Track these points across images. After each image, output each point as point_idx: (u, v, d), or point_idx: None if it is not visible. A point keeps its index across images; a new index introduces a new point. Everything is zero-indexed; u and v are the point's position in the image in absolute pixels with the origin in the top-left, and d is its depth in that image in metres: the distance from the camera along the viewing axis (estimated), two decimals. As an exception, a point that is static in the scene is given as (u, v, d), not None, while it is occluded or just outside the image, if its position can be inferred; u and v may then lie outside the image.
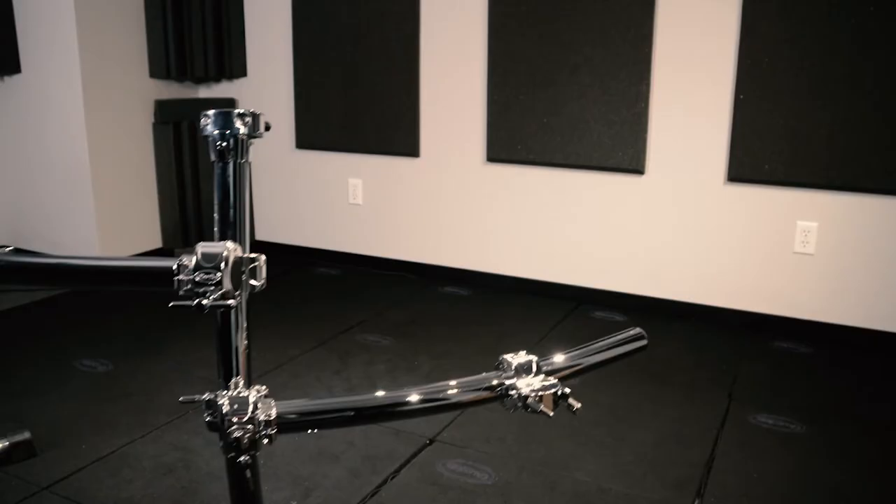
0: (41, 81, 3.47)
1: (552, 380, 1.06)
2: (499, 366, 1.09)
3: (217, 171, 1.05)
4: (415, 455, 2.03)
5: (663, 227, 3.09)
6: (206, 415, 0.98)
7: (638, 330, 1.23)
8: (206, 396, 0.98)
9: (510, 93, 3.23)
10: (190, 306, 0.92)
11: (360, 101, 3.58)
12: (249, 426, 0.93)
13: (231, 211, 1.04)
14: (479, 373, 1.10)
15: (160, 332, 2.92)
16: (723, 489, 1.88)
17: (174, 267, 0.93)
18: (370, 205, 3.73)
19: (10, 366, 2.58)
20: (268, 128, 1.15)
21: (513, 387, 1.05)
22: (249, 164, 1.09)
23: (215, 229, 1.06)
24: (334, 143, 3.72)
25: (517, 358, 1.08)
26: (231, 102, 3.91)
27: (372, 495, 1.83)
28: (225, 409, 0.94)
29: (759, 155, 2.82)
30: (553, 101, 3.14)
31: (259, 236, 4.10)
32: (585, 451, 2.06)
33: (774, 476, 1.95)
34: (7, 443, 1.92)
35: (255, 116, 1.07)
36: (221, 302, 0.91)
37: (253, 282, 1.02)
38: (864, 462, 2.02)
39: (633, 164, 3.05)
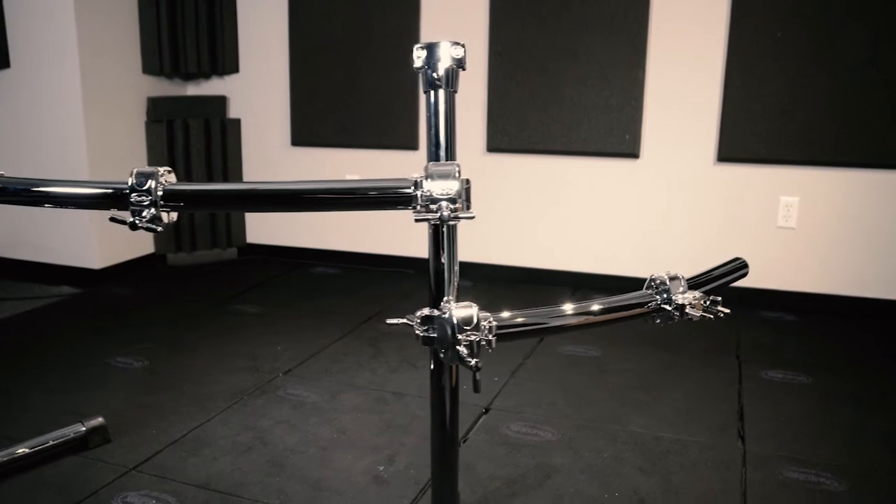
0: (33, 77, 3.38)
1: (698, 293, 1.24)
2: (650, 284, 1.26)
3: (429, 100, 1.16)
4: (476, 421, 2.15)
5: (657, 208, 3.33)
6: (421, 330, 1.10)
7: (741, 259, 1.42)
8: (421, 313, 1.10)
9: (511, 81, 3.40)
10: (432, 220, 1.04)
11: (358, 94, 3.68)
12: (476, 333, 1.05)
13: (443, 136, 1.15)
14: (509, 349, 1.22)
15: (184, 330, 2.92)
16: (759, 431, 2.10)
17: (411, 186, 1.05)
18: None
19: (43, 364, 2.53)
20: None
21: (668, 300, 1.22)
22: (455, 92, 1.19)
23: (426, 153, 1.17)
24: (331, 138, 3.79)
25: (668, 275, 1.26)
26: (223, 99, 3.91)
27: (452, 456, 1.95)
28: (455, 319, 1.05)
29: (747, 134, 3.11)
30: (553, 89, 3.33)
31: (250, 239, 4.10)
32: (629, 409, 2.25)
33: (798, 419, 2.18)
34: (84, 428, 1.92)
35: (462, 48, 1.17)
36: (461, 214, 1.03)
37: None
38: (870, 404, 2.29)
39: (629, 148, 3.29)
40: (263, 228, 4.07)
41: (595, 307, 1.23)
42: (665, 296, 1.26)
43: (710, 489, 1.80)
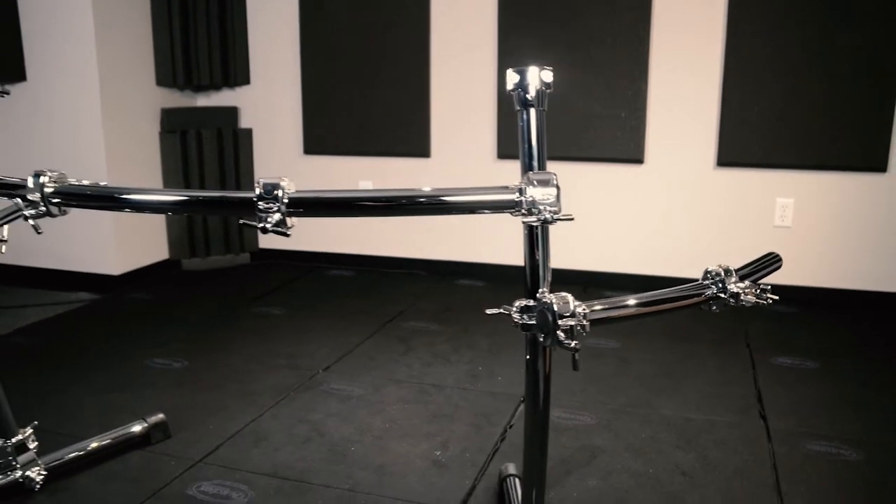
0: (50, 90, 3.42)
1: (748, 282, 1.38)
2: (706, 276, 1.40)
3: (522, 117, 1.28)
4: (517, 409, 2.27)
5: (661, 210, 3.51)
6: (520, 318, 1.22)
7: (774, 253, 1.57)
8: (519, 303, 1.22)
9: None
10: (535, 222, 1.16)
11: (370, 104, 3.79)
12: (573, 319, 1.17)
13: (535, 148, 1.27)
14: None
15: (213, 331, 2.99)
16: (778, 411, 2.26)
17: (517, 193, 1.17)
18: (380, 206, 3.92)
19: (82, 366, 2.58)
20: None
21: (724, 289, 1.36)
22: (545, 111, 1.31)
23: (520, 163, 1.29)
24: (344, 146, 3.90)
25: (721, 268, 1.40)
26: (234, 110, 3.99)
27: (501, 440, 2.07)
28: (556, 307, 1.17)
29: (744, 141, 3.31)
30: (561, 99, 3.47)
31: (262, 244, 4.17)
32: (656, 394, 2.39)
33: (811, 399, 2.35)
34: (146, 424, 1.99)
35: (550, 72, 1.29)
36: (560, 217, 1.16)
37: None
38: (875, 385, 2.47)
39: (634, 154, 3.46)
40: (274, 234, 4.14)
41: (664, 296, 1.37)
42: (721, 286, 1.40)
43: (743, 462, 1.95)
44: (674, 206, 3.50)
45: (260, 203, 1.23)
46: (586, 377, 2.52)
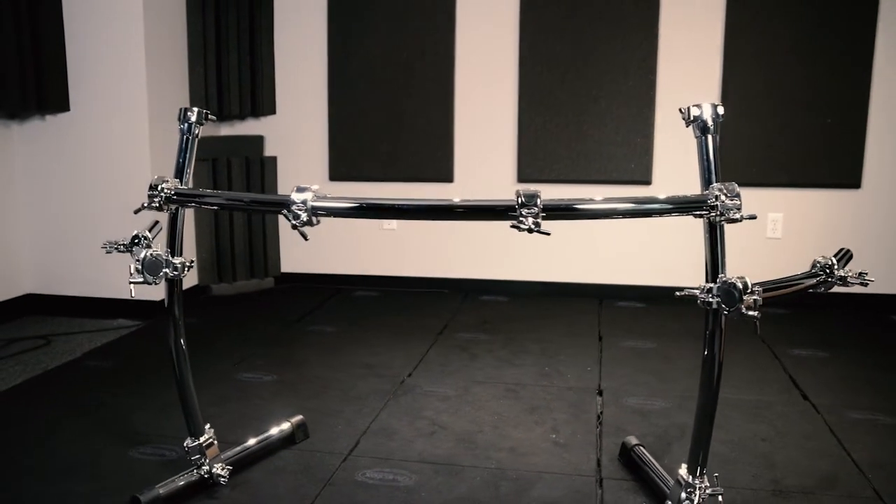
0: (93, 121, 3.50)
1: (848, 268, 1.75)
2: (814, 266, 1.77)
3: (701, 142, 1.60)
4: (598, 399, 2.57)
5: (667, 226, 3.93)
6: (706, 298, 1.52)
7: (846, 248, 1.96)
8: (704, 286, 1.53)
9: (538, 122, 3.92)
10: (725, 221, 1.48)
11: (395, 132, 4.05)
12: (754, 294, 1.49)
13: (713, 164, 1.59)
14: (581, 347, 1.63)
15: (280, 348, 3.15)
16: (814, 390, 2.65)
17: (713, 198, 1.49)
18: (404, 228, 4.16)
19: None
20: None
21: (832, 274, 1.73)
22: (718, 135, 1.63)
23: (699, 175, 1.60)
24: (369, 173, 4.12)
25: (827, 259, 1.76)
26: (259, 139, 4.14)
27: (600, 423, 2.35)
28: (739, 286, 1.49)
29: (741, 163, 3.79)
30: (576, 127, 3.88)
31: (284, 268, 4.30)
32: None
33: (836, 380, 2.77)
34: (291, 425, 2.14)
35: (721, 107, 1.61)
36: (745, 216, 1.49)
37: None
38: (882, 366, 2.93)
39: (642, 176, 3.89)
40: (297, 257, 4.29)
41: (796, 281, 1.73)
42: (829, 271, 1.77)
43: (807, 429, 2.32)
44: (678, 221, 3.92)
45: (523, 210, 1.50)
46: (642, 372, 2.85)
